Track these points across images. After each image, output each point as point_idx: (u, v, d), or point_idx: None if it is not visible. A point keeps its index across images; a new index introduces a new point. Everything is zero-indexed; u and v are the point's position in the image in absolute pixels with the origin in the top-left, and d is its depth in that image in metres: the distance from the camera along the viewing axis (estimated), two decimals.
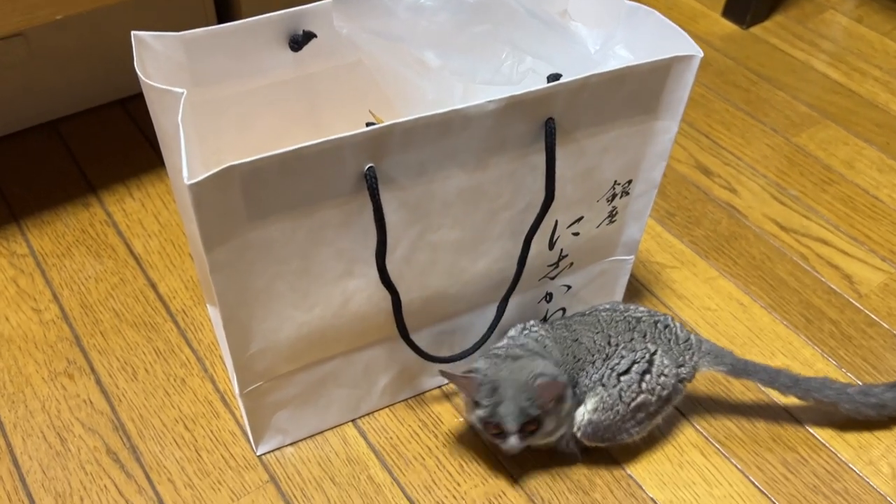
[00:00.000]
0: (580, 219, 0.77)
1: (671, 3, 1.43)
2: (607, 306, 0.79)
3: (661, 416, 0.77)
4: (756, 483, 0.79)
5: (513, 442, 0.71)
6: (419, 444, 0.81)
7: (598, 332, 0.76)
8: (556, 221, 0.75)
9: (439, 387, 0.85)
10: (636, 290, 0.96)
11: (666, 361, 0.75)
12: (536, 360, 0.73)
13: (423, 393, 0.85)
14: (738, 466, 0.80)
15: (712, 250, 1.02)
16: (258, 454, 0.79)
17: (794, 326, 0.93)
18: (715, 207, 1.07)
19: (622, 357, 0.74)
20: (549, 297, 0.84)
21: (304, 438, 0.80)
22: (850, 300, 0.96)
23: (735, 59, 1.32)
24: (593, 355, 0.75)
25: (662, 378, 0.74)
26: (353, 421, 0.82)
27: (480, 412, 0.71)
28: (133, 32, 0.64)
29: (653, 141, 0.73)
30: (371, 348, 0.76)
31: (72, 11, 0.81)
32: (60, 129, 1.13)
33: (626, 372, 0.74)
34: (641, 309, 0.78)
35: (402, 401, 0.84)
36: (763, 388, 0.85)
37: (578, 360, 0.75)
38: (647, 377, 0.74)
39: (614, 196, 0.77)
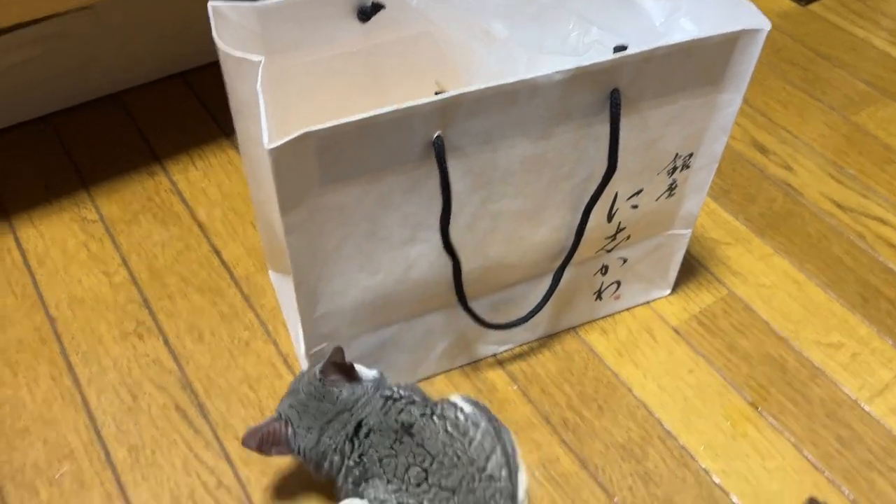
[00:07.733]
0: (640, 191, 0.77)
1: None
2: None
3: None
4: (809, 457, 0.79)
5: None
6: None
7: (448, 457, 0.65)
8: (616, 193, 0.76)
9: (494, 355, 0.87)
10: (690, 266, 0.96)
11: None
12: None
13: (478, 361, 0.86)
14: (792, 440, 0.80)
15: (768, 228, 1.01)
16: None
17: (851, 305, 0.93)
18: (770, 185, 1.07)
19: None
20: (604, 269, 0.85)
21: None
22: None
23: (793, 37, 1.30)
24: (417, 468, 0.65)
25: None
26: None
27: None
28: (210, 3, 0.66)
29: (716, 114, 0.73)
30: (430, 314, 0.78)
31: None
32: (125, 100, 1.16)
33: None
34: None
35: (458, 367, 0.86)
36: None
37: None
38: None
39: (675, 169, 0.77)
